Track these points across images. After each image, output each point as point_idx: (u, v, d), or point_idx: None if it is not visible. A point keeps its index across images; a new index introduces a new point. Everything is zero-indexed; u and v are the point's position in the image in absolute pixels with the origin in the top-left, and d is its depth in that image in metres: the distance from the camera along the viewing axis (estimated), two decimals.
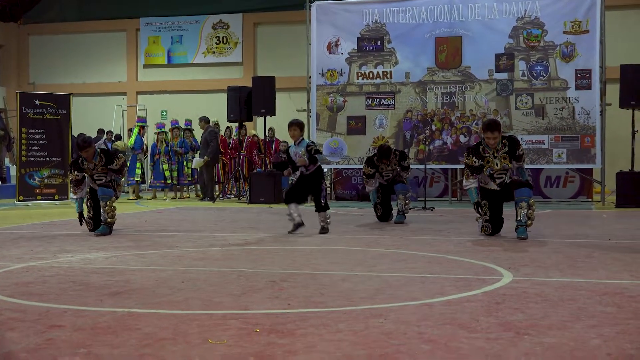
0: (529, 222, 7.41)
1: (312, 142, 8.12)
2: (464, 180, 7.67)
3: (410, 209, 9.78)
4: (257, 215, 10.80)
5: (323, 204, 8.10)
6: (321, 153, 8.21)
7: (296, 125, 8.01)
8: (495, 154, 7.53)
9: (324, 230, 8.03)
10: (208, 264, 5.69)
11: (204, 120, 14.79)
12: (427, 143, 13.31)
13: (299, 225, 7.95)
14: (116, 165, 8.07)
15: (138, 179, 15.24)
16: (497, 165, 7.54)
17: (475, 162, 7.53)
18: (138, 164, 15.18)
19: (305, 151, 7.90)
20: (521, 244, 6.96)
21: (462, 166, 13.59)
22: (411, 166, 10.35)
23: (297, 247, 6.82)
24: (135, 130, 15.41)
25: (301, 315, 3.76)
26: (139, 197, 15.26)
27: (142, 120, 15.66)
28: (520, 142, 7.76)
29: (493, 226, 7.66)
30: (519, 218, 7.40)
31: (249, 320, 3.64)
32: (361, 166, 14.07)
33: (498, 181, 7.63)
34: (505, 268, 5.39)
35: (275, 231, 8.29)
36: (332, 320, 3.62)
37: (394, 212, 9.65)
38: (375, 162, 9.35)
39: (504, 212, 7.76)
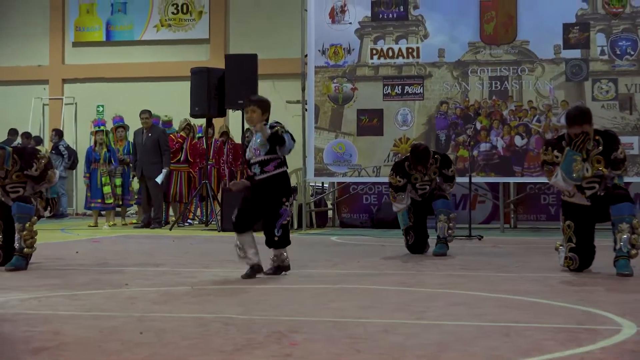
0: (633, 251, 7.00)
1: (278, 122, 7.04)
2: (549, 180, 7.27)
3: (462, 237, 9.35)
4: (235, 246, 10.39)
5: (278, 238, 6.88)
6: (291, 136, 6.94)
7: (255, 105, 6.88)
8: (585, 156, 7.08)
9: (278, 269, 6.95)
10: (176, 309, 5.30)
11: (149, 114, 14.36)
12: (469, 147, 12.92)
13: (256, 269, 6.92)
14: (36, 169, 7.62)
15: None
16: (586, 170, 7.10)
17: (557, 157, 7.12)
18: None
19: (265, 136, 6.80)
20: (627, 283, 6.65)
21: (519, 179, 13.49)
22: None
23: (301, 286, 6.47)
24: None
25: None
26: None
27: (120, 119, 15.23)
28: (620, 141, 7.32)
29: (581, 258, 7.24)
30: (618, 246, 6.99)
31: None
32: (376, 179, 13.95)
33: (588, 193, 7.19)
34: (619, 315, 4.97)
35: (267, 264, 7.82)
36: None
37: (430, 240, 9.29)
38: (407, 169, 8.99)
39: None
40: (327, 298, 5.79)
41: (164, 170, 14.09)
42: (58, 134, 18.14)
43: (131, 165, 14.62)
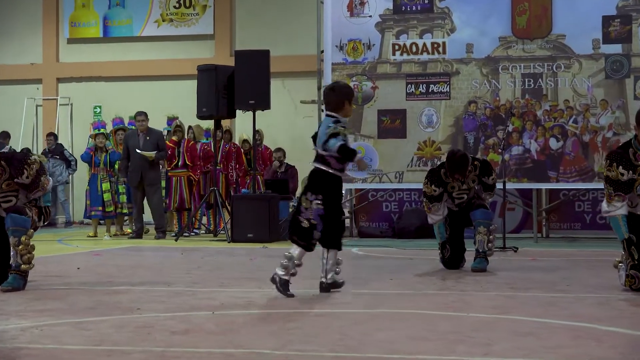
0: None
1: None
2: (605, 205, 6.88)
3: (497, 248, 8.98)
4: (251, 260, 10.23)
5: (303, 228, 6.67)
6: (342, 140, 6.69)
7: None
8: None
9: (334, 285, 6.82)
10: (200, 341, 4.84)
11: (145, 116, 14.15)
12: (500, 151, 12.61)
13: (333, 286, 6.87)
14: (27, 176, 7.22)
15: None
16: None
17: (622, 174, 6.70)
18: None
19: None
20: None
21: (554, 185, 13.11)
22: None
23: (337, 311, 6.05)
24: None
25: None
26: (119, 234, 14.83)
27: (120, 122, 15.11)
28: None
29: None
30: None
31: None
32: (398, 185, 13.65)
33: None
34: None
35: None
36: None
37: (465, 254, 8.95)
38: (444, 177, 8.61)
39: None
40: (370, 326, 5.35)
41: (154, 154, 13.76)
42: (55, 138, 17.79)
43: (121, 170, 14.18)
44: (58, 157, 17.25)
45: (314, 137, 6.88)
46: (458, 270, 8.71)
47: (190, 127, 15.12)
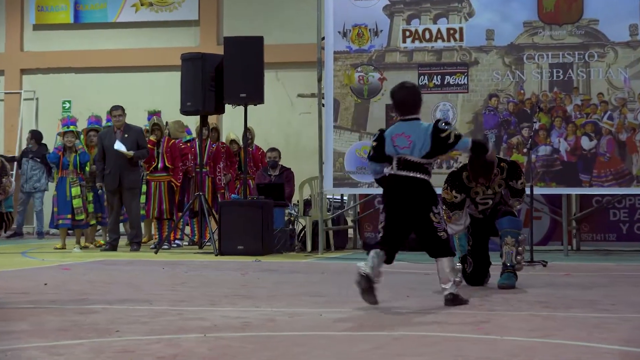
0: None
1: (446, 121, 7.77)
2: None
3: (525, 262, 9.07)
4: (243, 275, 10.20)
5: (443, 241, 7.39)
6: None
7: None
8: None
9: (451, 299, 7.28)
10: None
11: (122, 110, 14.26)
12: (525, 151, 12.61)
13: (368, 282, 7.51)
14: None
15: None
16: None
17: None
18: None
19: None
20: None
21: (587, 190, 13.05)
22: None
23: (349, 333, 5.96)
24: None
25: None
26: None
27: (96, 121, 15.17)
28: None
29: None
30: None
31: None
32: None
33: None
34: None
35: (288, 300, 7.62)
36: None
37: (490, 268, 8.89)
38: (466, 181, 8.53)
39: None
40: (390, 351, 5.22)
41: (131, 153, 13.75)
42: (35, 137, 17.66)
43: (97, 173, 14.09)
44: (39, 160, 17.06)
45: (378, 154, 7.64)
46: (482, 286, 8.65)
47: (166, 124, 15.04)
